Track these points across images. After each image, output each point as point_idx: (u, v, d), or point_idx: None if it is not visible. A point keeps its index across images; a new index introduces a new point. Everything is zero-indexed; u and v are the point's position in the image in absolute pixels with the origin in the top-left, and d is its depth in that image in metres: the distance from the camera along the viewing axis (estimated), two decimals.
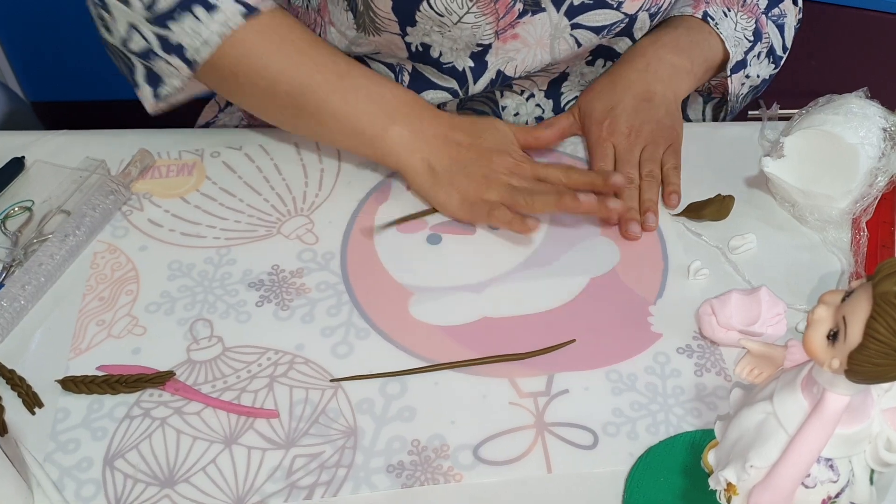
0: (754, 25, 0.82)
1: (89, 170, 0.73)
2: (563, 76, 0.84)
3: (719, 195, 0.73)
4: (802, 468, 0.45)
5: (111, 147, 0.77)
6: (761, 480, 0.45)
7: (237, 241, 0.69)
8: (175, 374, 0.60)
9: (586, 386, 0.60)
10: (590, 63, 0.84)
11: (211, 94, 0.86)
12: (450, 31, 0.74)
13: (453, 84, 0.80)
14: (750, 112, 0.85)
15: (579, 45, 0.77)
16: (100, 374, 0.60)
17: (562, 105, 0.86)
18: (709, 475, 0.50)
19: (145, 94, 0.71)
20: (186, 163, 0.76)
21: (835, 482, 0.46)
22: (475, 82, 0.79)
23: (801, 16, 0.90)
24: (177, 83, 0.70)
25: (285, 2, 0.82)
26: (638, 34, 0.80)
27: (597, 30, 0.76)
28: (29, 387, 0.59)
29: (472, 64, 0.78)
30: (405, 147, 0.71)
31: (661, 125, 0.76)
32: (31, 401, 0.58)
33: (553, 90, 0.85)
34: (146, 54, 0.68)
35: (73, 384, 0.59)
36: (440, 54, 0.77)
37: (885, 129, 0.70)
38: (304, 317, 0.64)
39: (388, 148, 0.71)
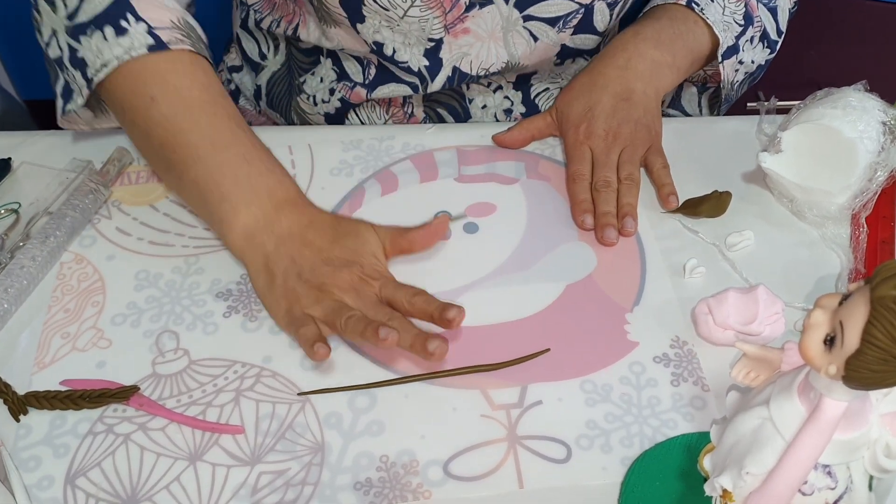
0: (744, 9, 0.80)
1: (76, 171, 0.72)
2: (533, 71, 0.83)
3: (716, 191, 0.72)
4: (800, 475, 0.43)
5: (98, 148, 0.76)
6: (758, 487, 0.44)
7: (206, 250, 0.68)
8: (139, 389, 0.58)
9: (560, 397, 0.59)
10: (558, 64, 0.82)
11: None
12: (398, 25, 0.73)
13: (415, 80, 0.80)
14: (748, 104, 0.83)
15: (535, 38, 0.76)
16: (63, 388, 0.58)
17: (531, 96, 0.85)
18: (705, 479, 0.48)
19: (58, 105, 0.70)
20: None
21: (833, 489, 0.45)
22: (433, 80, 0.79)
23: None
24: (80, 101, 0.67)
25: None
26: (601, 27, 0.79)
27: (551, 21, 0.75)
28: (14, 393, 0.58)
29: (426, 63, 0.77)
30: (248, 239, 0.64)
31: (639, 125, 0.74)
32: (17, 408, 0.57)
33: (522, 81, 0.84)
34: (60, 63, 0.68)
35: (36, 400, 0.57)
36: (394, 51, 0.76)
37: (884, 123, 0.69)
38: (272, 328, 0.62)
39: (232, 235, 0.64)
